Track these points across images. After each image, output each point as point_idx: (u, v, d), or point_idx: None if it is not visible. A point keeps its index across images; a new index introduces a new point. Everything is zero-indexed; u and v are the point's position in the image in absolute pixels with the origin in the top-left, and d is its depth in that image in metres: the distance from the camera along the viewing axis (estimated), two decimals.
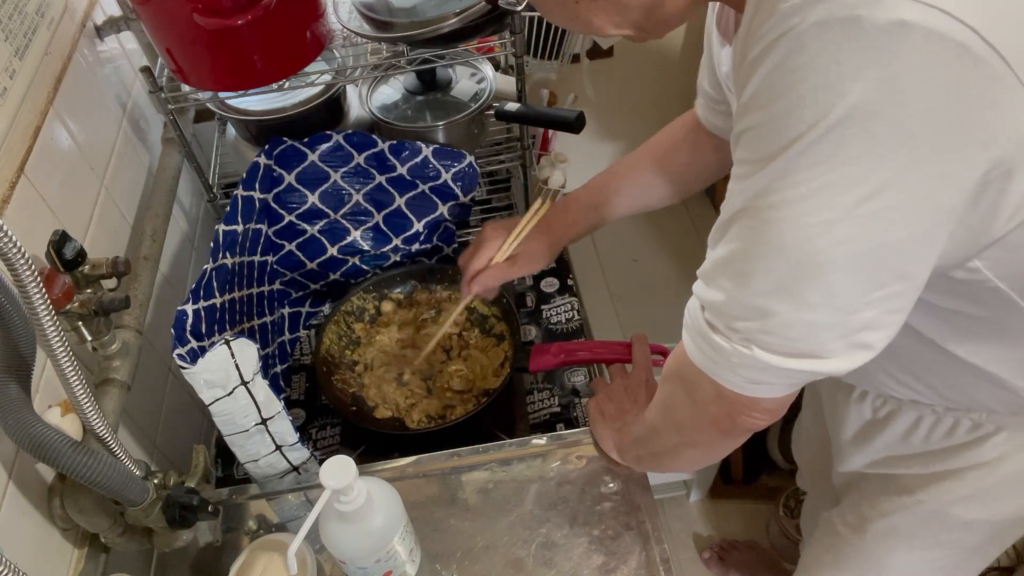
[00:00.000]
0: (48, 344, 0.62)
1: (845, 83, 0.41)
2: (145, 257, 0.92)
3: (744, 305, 0.51)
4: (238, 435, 0.84)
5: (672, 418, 0.67)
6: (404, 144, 1.05)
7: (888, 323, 0.50)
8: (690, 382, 0.60)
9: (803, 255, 0.47)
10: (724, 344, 0.53)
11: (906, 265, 0.47)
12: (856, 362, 0.50)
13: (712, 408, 0.59)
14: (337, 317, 1.07)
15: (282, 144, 1.03)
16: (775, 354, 0.51)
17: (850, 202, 0.44)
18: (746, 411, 0.57)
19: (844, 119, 0.42)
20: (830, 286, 0.47)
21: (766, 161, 0.46)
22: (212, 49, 0.88)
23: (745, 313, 0.51)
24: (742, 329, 0.52)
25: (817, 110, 0.42)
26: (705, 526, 1.79)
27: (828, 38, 0.41)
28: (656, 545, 0.80)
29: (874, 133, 0.42)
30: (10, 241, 0.54)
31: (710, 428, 0.62)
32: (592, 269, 1.71)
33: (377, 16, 0.96)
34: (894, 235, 0.45)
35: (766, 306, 0.49)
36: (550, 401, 1.03)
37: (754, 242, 0.49)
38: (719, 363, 0.55)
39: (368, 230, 1.11)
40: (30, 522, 0.72)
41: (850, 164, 0.43)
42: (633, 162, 0.98)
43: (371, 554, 0.71)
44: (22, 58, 0.81)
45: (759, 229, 0.48)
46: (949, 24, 0.39)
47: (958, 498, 0.80)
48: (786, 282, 0.48)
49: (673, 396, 0.66)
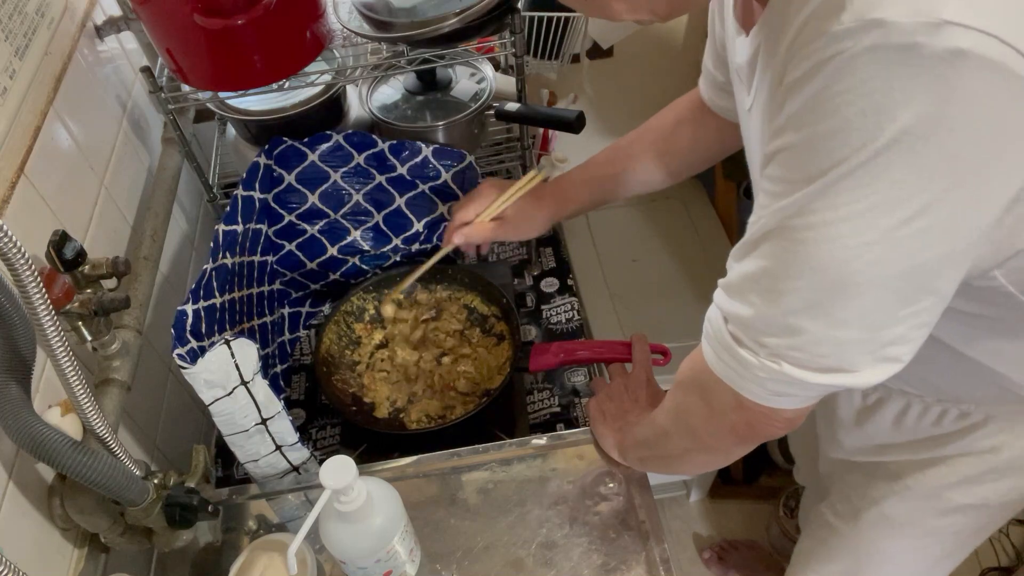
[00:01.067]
0: (48, 344, 0.62)
1: (896, 108, 0.41)
2: (145, 257, 0.92)
3: (774, 322, 0.51)
4: (238, 435, 0.84)
5: (686, 424, 0.68)
6: (404, 144, 1.05)
7: (916, 337, 0.50)
8: (708, 391, 0.60)
9: (838, 276, 0.47)
10: (750, 358, 0.53)
11: (937, 281, 0.48)
12: (883, 375, 0.51)
13: (731, 417, 0.60)
14: (337, 317, 1.07)
15: (282, 144, 1.03)
16: (804, 369, 0.51)
17: (890, 224, 0.44)
18: (766, 421, 0.58)
19: (891, 144, 0.42)
20: (862, 305, 0.48)
21: (805, 182, 0.46)
22: (212, 49, 0.88)
23: (774, 330, 0.51)
24: (770, 345, 0.52)
25: (864, 134, 0.42)
26: (705, 526, 1.79)
27: (881, 63, 0.41)
28: (656, 545, 0.80)
29: (920, 157, 0.42)
30: (10, 241, 0.54)
31: (727, 435, 0.62)
32: (592, 269, 1.71)
33: (377, 16, 0.96)
34: (929, 254, 0.46)
35: (796, 324, 0.50)
36: (550, 401, 1.03)
37: (787, 261, 0.49)
38: (743, 375, 0.55)
39: (368, 230, 1.11)
40: (30, 522, 0.72)
41: (894, 188, 0.43)
42: (634, 142, 0.97)
43: (371, 554, 0.71)
44: (22, 58, 0.81)
45: (793, 249, 0.48)
46: (1002, 51, 0.39)
47: (948, 484, 0.81)
48: (818, 301, 0.49)
49: (688, 403, 0.66)
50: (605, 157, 0.98)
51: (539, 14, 1.31)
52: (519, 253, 1.23)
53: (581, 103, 1.64)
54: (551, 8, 1.31)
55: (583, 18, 1.33)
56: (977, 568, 1.64)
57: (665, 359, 0.94)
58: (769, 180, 0.50)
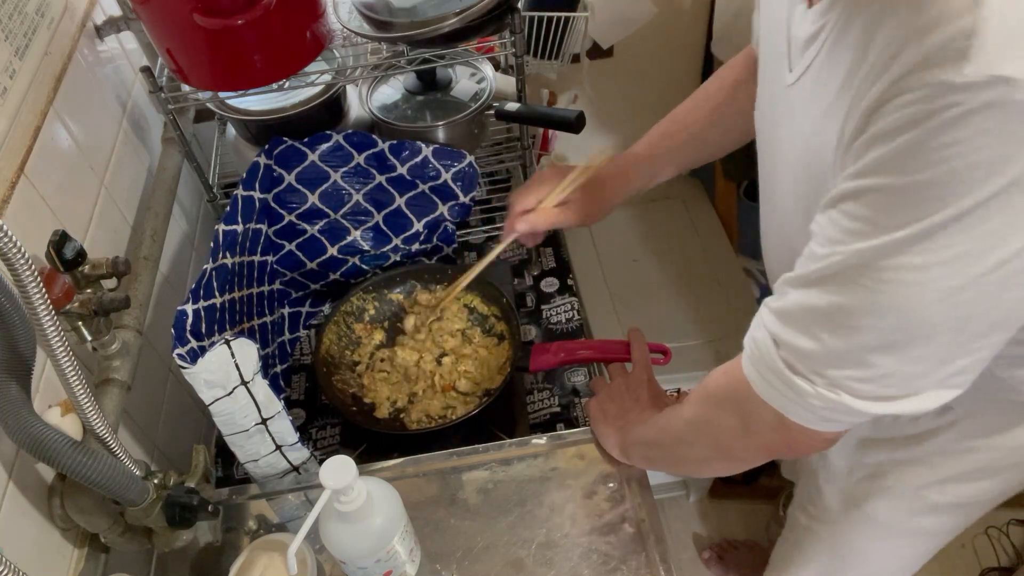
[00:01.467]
0: (48, 344, 0.62)
1: (1007, 164, 0.41)
2: (145, 257, 0.92)
3: (842, 357, 0.52)
4: (238, 435, 0.84)
5: (712, 438, 0.68)
6: (404, 144, 1.05)
7: (978, 367, 0.51)
8: (747, 409, 0.61)
9: (921, 318, 0.48)
10: (805, 386, 0.54)
11: (1010, 318, 0.49)
12: (941, 401, 0.52)
13: (770, 436, 0.60)
14: (337, 317, 1.07)
15: (282, 144, 1.03)
16: (865, 400, 0.52)
17: (979, 271, 0.45)
18: (808, 441, 0.58)
19: (994, 196, 0.42)
20: (938, 344, 0.49)
21: (898, 227, 0.46)
22: (212, 49, 0.88)
23: (840, 363, 0.52)
24: (831, 376, 0.52)
25: (970, 187, 0.42)
26: (705, 526, 1.79)
27: (999, 119, 0.41)
28: (656, 545, 0.80)
29: (1017, 207, 0.43)
30: (10, 241, 0.54)
31: (760, 452, 0.63)
32: (592, 269, 1.71)
33: (377, 16, 0.96)
34: (1009, 296, 0.47)
35: (867, 359, 0.51)
36: (550, 401, 1.03)
37: (867, 300, 0.49)
38: (794, 401, 0.55)
39: (368, 230, 1.11)
40: (30, 522, 0.72)
41: (989, 237, 0.44)
42: (691, 111, 0.94)
43: (371, 554, 0.71)
44: (22, 58, 0.81)
45: (877, 289, 0.48)
46: None
47: (928, 483, 0.82)
48: (895, 341, 0.49)
49: (719, 419, 0.66)
50: (663, 130, 0.95)
51: (539, 14, 1.31)
52: (519, 253, 1.23)
53: (581, 103, 1.64)
54: (551, 8, 1.31)
55: (583, 18, 1.33)
56: (977, 568, 1.64)
57: (665, 359, 0.94)
58: (848, 217, 0.49)
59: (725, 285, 1.65)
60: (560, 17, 1.32)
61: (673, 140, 0.94)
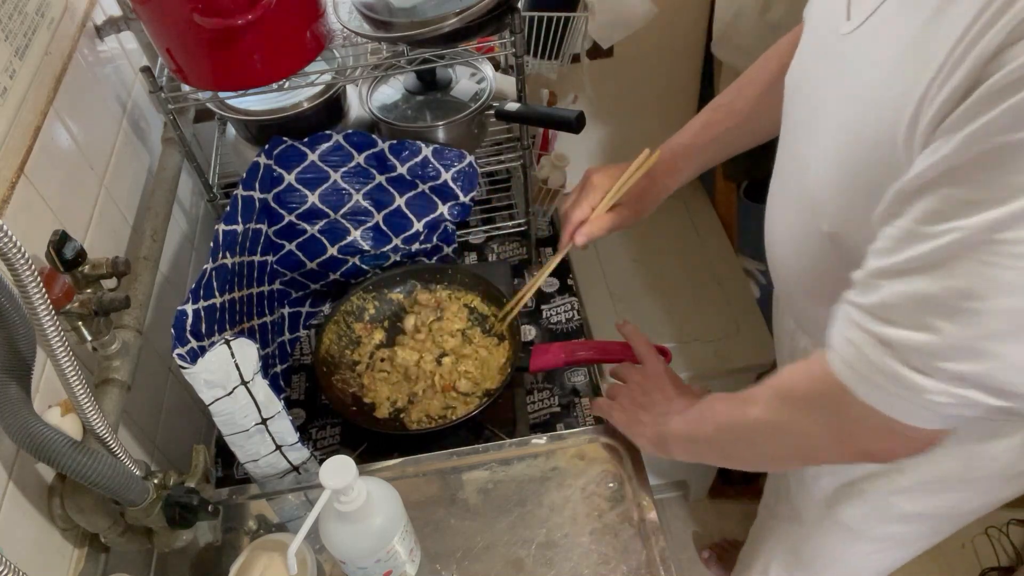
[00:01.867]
0: (48, 344, 0.62)
1: None
2: (145, 257, 0.92)
3: (965, 346, 0.47)
4: (238, 435, 0.84)
5: (790, 440, 0.65)
6: (404, 144, 1.05)
7: None
8: (842, 415, 0.57)
9: None
10: (926, 383, 0.49)
11: None
12: None
13: (868, 441, 0.57)
14: (337, 317, 1.07)
15: (282, 144, 1.03)
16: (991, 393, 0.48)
17: None
18: (912, 444, 0.55)
19: None
20: None
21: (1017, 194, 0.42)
22: (212, 49, 0.88)
23: (963, 355, 0.47)
24: (954, 370, 0.48)
25: None
26: (705, 526, 1.79)
27: None
28: (656, 545, 0.80)
29: None
30: (10, 241, 0.54)
31: (853, 456, 0.60)
32: (592, 269, 1.71)
33: (377, 16, 0.96)
34: None
35: (992, 348, 0.46)
36: (550, 401, 1.03)
37: (990, 279, 0.45)
38: (910, 400, 0.51)
39: (368, 230, 1.11)
40: (30, 522, 0.72)
41: None
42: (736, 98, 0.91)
43: (371, 554, 0.71)
44: (22, 58, 0.81)
45: (1001, 264, 0.44)
46: None
47: (898, 489, 0.80)
48: None
49: (800, 423, 0.62)
50: (706, 119, 0.92)
51: (539, 14, 1.31)
52: (519, 253, 1.23)
53: (581, 103, 1.63)
54: (551, 8, 1.31)
55: (583, 18, 1.33)
56: (977, 568, 1.64)
57: (666, 359, 0.94)
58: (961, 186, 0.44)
59: (725, 285, 1.66)
60: (560, 17, 1.32)
61: (717, 129, 0.92)
